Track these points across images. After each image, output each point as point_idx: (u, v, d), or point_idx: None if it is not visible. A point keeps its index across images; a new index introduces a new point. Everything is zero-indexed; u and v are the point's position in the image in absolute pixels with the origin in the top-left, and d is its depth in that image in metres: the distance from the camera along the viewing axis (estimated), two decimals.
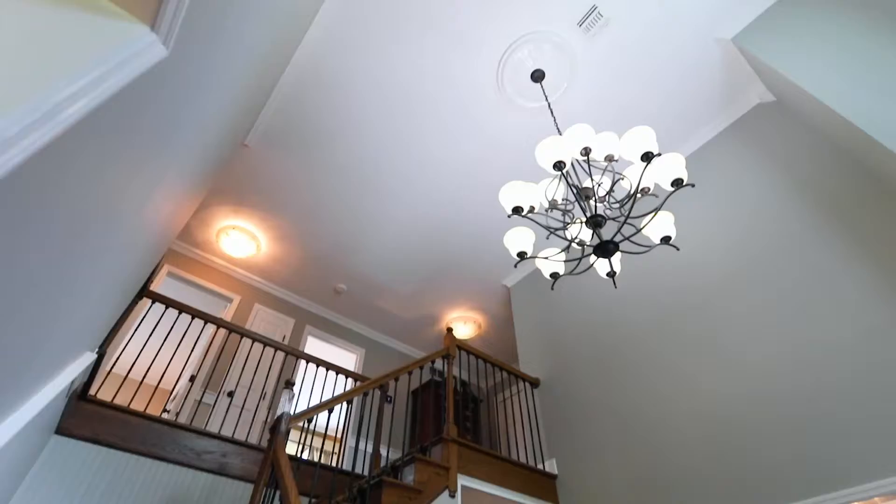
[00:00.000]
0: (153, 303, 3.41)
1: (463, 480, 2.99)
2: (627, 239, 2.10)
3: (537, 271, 5.20)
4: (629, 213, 2.00)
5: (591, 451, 3.53)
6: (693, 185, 1.92)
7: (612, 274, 2.27)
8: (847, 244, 2.81)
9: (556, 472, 3.68)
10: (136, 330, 3.42)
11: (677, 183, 1.97)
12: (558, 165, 1.97)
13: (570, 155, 2.02)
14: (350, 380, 5.33)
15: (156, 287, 4.76)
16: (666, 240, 2.16)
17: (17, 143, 0.79)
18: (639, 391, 3.46)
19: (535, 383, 4.29)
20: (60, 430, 2.71)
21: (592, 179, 2.12)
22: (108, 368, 3.62)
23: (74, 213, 1.08)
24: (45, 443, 2.59)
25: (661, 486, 3.00)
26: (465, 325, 6.04)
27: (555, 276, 2.37)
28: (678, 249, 2.17)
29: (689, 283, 3.57)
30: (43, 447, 2.60)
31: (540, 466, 3.77)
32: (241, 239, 5.00)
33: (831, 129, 3.05)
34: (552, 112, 2.84)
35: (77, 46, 0.90)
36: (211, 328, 5.35)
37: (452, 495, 2.83)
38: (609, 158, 2.16)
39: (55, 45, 0.87)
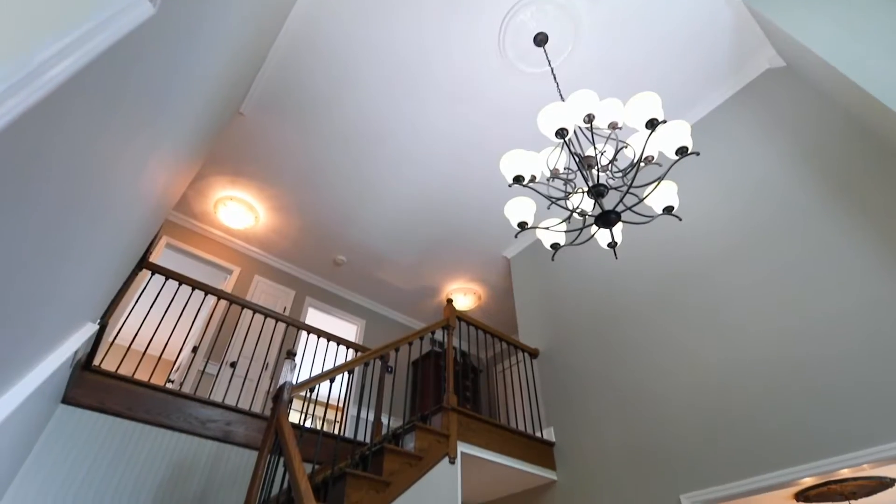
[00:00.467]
0: (153, 274, 3.40)
1: (462, 447, 3.05)
2: (629, 209, 2.07)
3: (538, 242, 5.19)
4: (632, 182, 1.97)
5: (589, 419, 3.60)
6: (698, 154, 1.88)
7: (613, 245, 2.25)
8: (852, 215, 2.79)
9: (553, 440, 3.76)
10: (136, 301, 3.42)
11: (682, 151, 1.93)
12: (561, 133, 1.92)
13: (573, 122, 1.97)
14: (351, 350, 5.39)
15: (155, 258, 4.76)
16: (668, 210, 2.13)
17: (1, 104, 0.76)
18: (637, 362, 3.50)
19: (534, 354, 4.34)
20: (66, 400, 2.75)
21: (595, 148, 2.08)
22: (110, 340, 3.65)
23: (67, 178, 1.05)
24: (52, 412, 2.63)
25: (658, 454, 3.07)
26: (464, 296, 6.07)
27: (555, 246, 2.36)
28: (680, 220, 2.15)
29: (691, 254, 3.56)
30: (50, 416, 2.64)
31: (538, 435, 3.85)
32: (238, 210, 4.96)
33: (842, 95, 2.97)
34: (555, 78, 2.77)
35: (59, 2, 0.86)
36: (212, 300, 5.37)
37: (452, 462, 2.90)
38: (613, 126, 2.11)
39: (36, 2, 0.82)
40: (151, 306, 3.36)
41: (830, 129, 3.09)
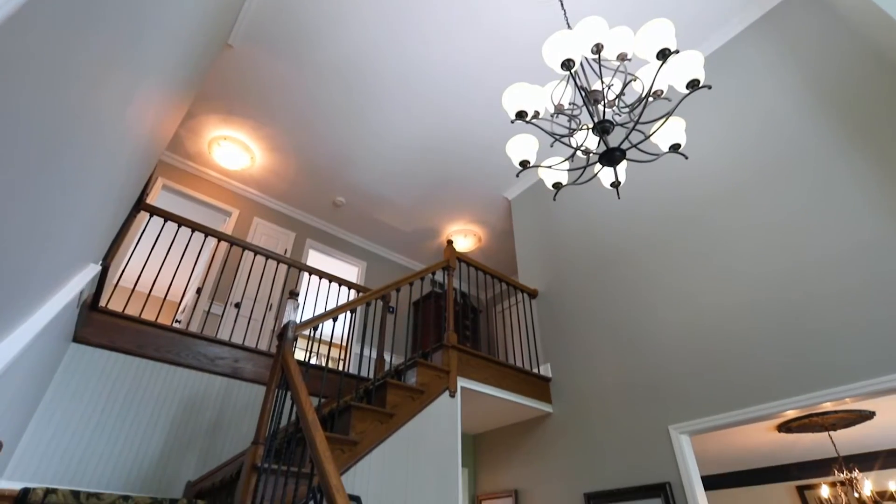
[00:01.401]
0: (151, 216, 3.38)
1: (462, 382, 3.17)
2: (635, 146, 2.01)
3: (539, 183, 5.12)
4: (639, 118, 1.89)
5: (585, 356, 3.72)
6: (710, 87, 1.79)
7: (616, 184, 2.21)
8: (865, 157, 2.71)
9: (550, 375, 3.91)
10: (137, 243, 3.42)
11: (693, 85, 1.84)
12: (566, 64, 1.82)
13: (581, 52, 1.86)
14: (353, 291, 5.47)
15: (152, 200, 4.71)
16: (675, 148, 2.07)
17: None
18: (633, 303, 3.57)
19: (533, 294, 4.41)
20: (77, 339, 2.83)
21: (602, 81, 1.98)
22: (114, 281, 3.69)
23: (47, 108, 1.01)
24: (64, 350, 2.71)
25: (649, 389, 3.20)
26: (465, 238, 6.08)
27: (557, 186, 2.31)
28: (686, 158, 2.09)
29: (692, 195, 3.52)
30: (63, 354, 2.72)
31: (535, 370, 4.00)
32: (233, 150, 4.85)
33: (871, 27, 2.80)
34: (562, 3, 2.59)
35: None
36: (212, 242, 5.39)
37: (452, 395, 3.03)
38: (622, 57, 2.00)
39: None
40: (152, 248, 3.37)
41: (854, 65, 2.93)
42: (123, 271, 3.54)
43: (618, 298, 3.69)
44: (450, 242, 3.74)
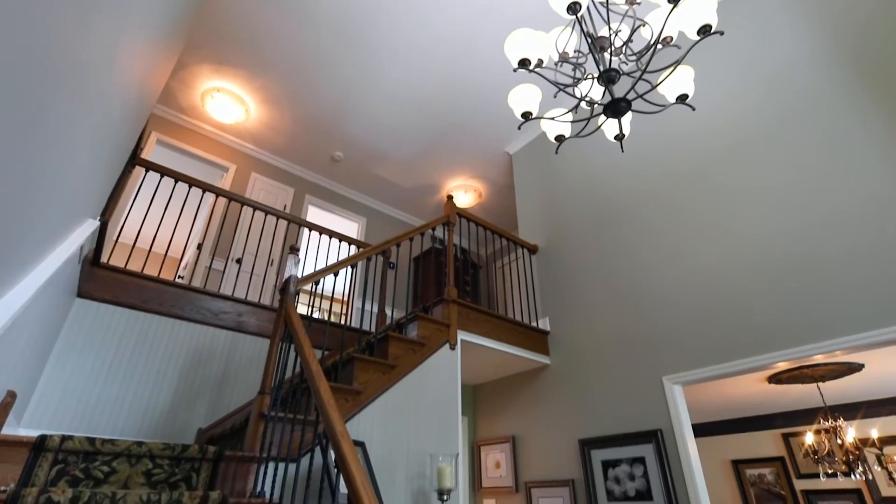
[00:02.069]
0: (147, 171, 3.33)
1: (462, 335, 3.24)
2: (641, 97, 1.95)
3: (540, 137, 5.01)
4: (646, 66, 1.82)
5: (583, 310, 3.77)
6: (721, 34, 1.71)
7: (620, 137, 2.16)
8: (880, 112, 2.63)
9: (548, 328, 3.98)
10: (134, 199, 3.40)
11: (705, 30, 1.76)
12: (573, 7, 1.73)
13: None
14: (353, 247, 5.49)
15: (146, 155, 4.63)
16: (682, 98, 2.01)
17: None
18: (632, 258, 3.58)
19: (533, 250, 4.42)
20: (82, 294, 2.86)
21: (610, 27, 1.89)
22: (114, 238, 3.69)
23: (29, 54, 0.96)
24: (69, 305, 2.75)
25: (644, 342, 3.27)
26: (465, 193, 6.03)
27: (560, 139, 2.26)
28: (694, 109, 2.03)
29: (697, 150, 3.45)
30: (68, 310, 2.76)
31: (534, 324, 4.07)
32: (227, 102, 4.71)
33: None
34: None
35: None
36: (211, 198, 5.34)
37: (452, 348, 3.10)
38: (631, 1, 1.90)
39: None
40: (150, 204, 3.34)
41: (877, 14, 2.79)
42: (122, 228, 3.53)
43: (617, 254, 3.70)
44: (450, 198, 3.70)
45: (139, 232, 3.19)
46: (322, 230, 4.04)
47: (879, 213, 2.47)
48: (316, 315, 6.64)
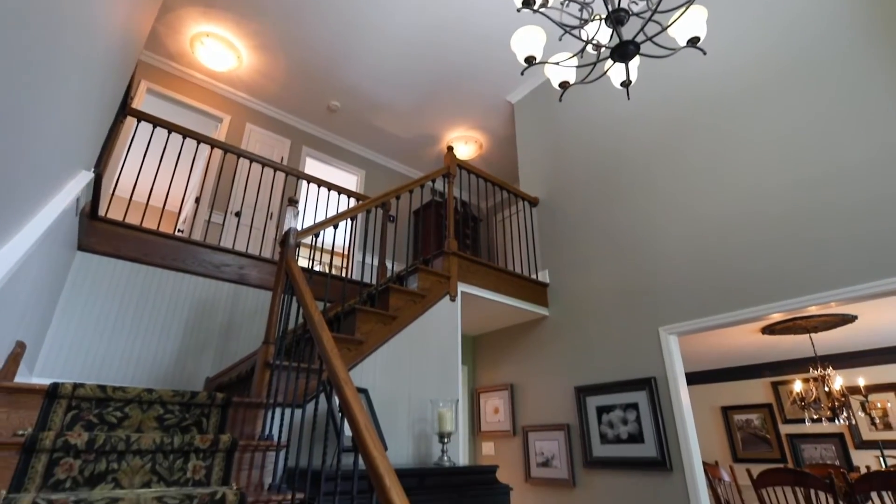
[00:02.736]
0: (139, 122, 3.25)
1: (462, 287, 3.27)
2: (650, 39, 1.86)
3: (543, 86, 4.85)
4: (657, 5, 1.72)
5: (582, 262, 3.79)
6: None
7: (626, 83, 2.09)
8: None
9: (547, 281, 4.02)
10: (128, 151, 3.33)
11: None
12: None
13: None
14: (352, 199, 5.45)
15: (137, 105, 4.50)
16: (694, 41, 1.91)
17: None
18: (632, 210, 3.56)
19: (533, 202, 4.39)
20: (82, 247, 2.86)
21: None
22: (110, 191, 3.65)
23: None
24: (71, 258, 2.75)
25: (642, 293, 3.30)
26: (465, 144, 5.91)
27: (564, 85, 2.18)
28: (705, 53, 1.94)
29: (705, 98, 3.35)
30: (70, 263, 2.77)
31: (533, 277, 4.11)
32: (218, 48, 4.52)
33: None
34: None
35: None
36: (206, 150, 5.24)
37: (453, 300, 3.13)
38: None
39: None
40: (144, 156, 3.28)
41: None
42: (118, 181, 3.48)
43: (618, 206, 3.67)
44: (450, 149, 3.63)
45: (135, 185, 3.15)
46: (321, 182, 3.99)
47: (888, 167, 2.42)
48: (317, 268, 6.68)
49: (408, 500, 1.09)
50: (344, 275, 3.32)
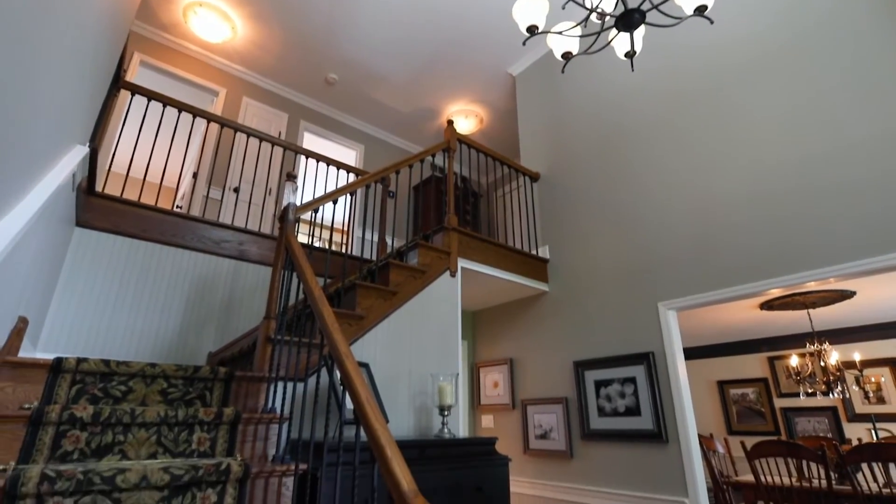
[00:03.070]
0: (133, 95, 3.19)
1: (462, 263, 3.27)
2: (656, 7, 1.80)
3: (545, 57, 4.75)
4: None
5: (582, 238, 3.78)
6: None
7: (631, 54, 2.04)
8: None
9: (547, 257, 4.02)
10: (123, 125, 3.28)
11: None
12: None
13: None
14: (351, 175, 5.40)
15: (131, 78, 4.41)
16: (701, 10, 1.86)
17: None
18: (633, 186, 3.53)
19: (534, 177, 4.35)
20: (81, 223, 2.85)
21: None
22: (107, 167, 3.61)
23: None
24: (69, 234, 2.74)
25: (642, 269, 3.30)
26: (466, 118, 5.82)
27: (567, 56, 2.13)
28: (712, 22, 1.89)
29: (709, 69, 3.28)
30: (69, 239, 2.76)
31: (533, 252, 4.10)
32: (211, 18, 4.40)
33: None
34: None
35: None
36: (202, 124, 5.17)
37: (453, 275, 3.14)
38: None
39: None
40: (140, 131, 3.23)
41: None
42: (114, 156, 3.44)
43: (619, 181, 3.64)
44: (450, 123, 3.57)
45: (131, 161, 3.11)
46: (319, 157, 3.95)
47: (892, 147, 2.39)
48: (317, 244, 6.68)
49: (409, 470, 1.11)
50: (344, 251, 3.32)
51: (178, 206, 4.69)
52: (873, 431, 4.81)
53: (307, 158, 4.01)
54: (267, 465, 1.65)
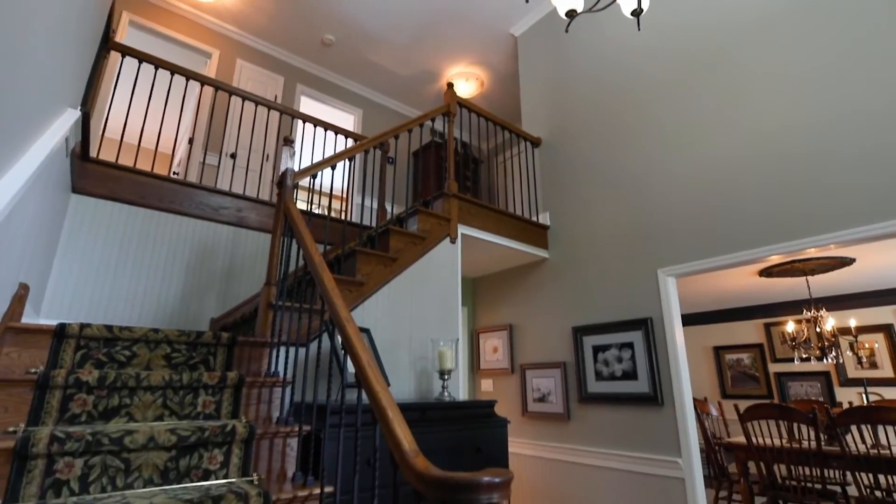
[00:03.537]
0: (124, 57, 3.09)
1: (463, 229, 3.26)
2: None
3: (548, 17, 4.58)
4: None
5: (583, 204, 3.75)
6: None
7: (637, 12, 1.96)
8: None
9: (548, 223, 4.00)
10: (114, 88, 3.19)
11: None
12: None
13: None
14: (350, 140, 5.31)
15: (121, 39, 4.27)
16: None
17: None
18: (635, 151, 3.48)
19: (536, 143, 4.28)
20: (77, 190, 2.82)
21: None
22: (100, 132, 3.54)
23: None
24: (66, 201, 2.72)
25: (642, 236, 3.29)
26: (466, 82, 5.67)
27: (571, 14, 2.05)
28: None
29: (718, 28, 3.16)
30: (66, 206, 2.74)
31: (534, 219, 4.08)
32: None
33: None
34: None
35: None
36: (196, 87, 5.04)
37: (453, 241, 3.13)
38: None
39: None
40: (132, 95, 3.15)
41: None
42: (107, 121, 3.37)
43: (621, 146, 3.58)
44: (450, 86, 3.48)
45: (125, 126, 3.05)
46: (317, 122, 3.87)
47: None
48: (316, 211, 6.65)
49: (410, 431, 1.13)
50: (343, 217, 3.30)
51: (174, 173, 4.64)
52: (864, 395, 4.92)
53: (304, 123, 3.93)
54: (271, 427, 1.69)
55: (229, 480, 1.52)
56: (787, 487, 3.60)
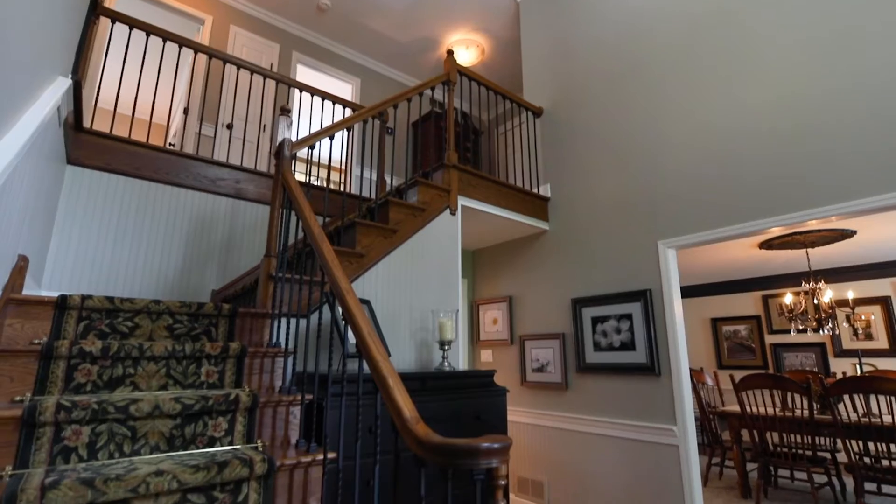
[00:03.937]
0: (114, 23, 3.00)
1: (463, 201, 3.23)
2: None
3: None
4: None
5: (584, 176, 3.72)
6: None
7: None
8: None
9: (549, 195, 3.97)
10: (105, 56, 3.11)
11: None
12: None
13: None
14: (348, 110, 5.22)
15: (111, 4, 4.14)
16: None
17: None
18: (637, 121, 3.42)
19: (537, 112, 4.20)
20: (72, 161, 2.78)
21: None
22: (93, 102, 3.46)
23: None
24: (61, 172, 2.69)
25: (643, 208, 3.27)
26: (466, 49, 5.52)
27: None
28: None
29: None
30: (62, 177, 2.71)
31: (535, 191, 4.05)
32: None
33: None
34: None
35: None
36: (190, 55, 4.92)
37: (453, 213, 3.11)
38: None
39: None
40: (124, 63, 3.06)
41: None
42: (99, 91, 3.29)
43: (624, 117, 3.52)
44: (450, 53, 3.39)
45: (118, 95, 2.98)
46: (314, 91, 3.79)
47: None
48: (314, 183, 6.59)
49: (410, 399, 1.15)
50: (342, 189, 3.27)
51: (170, 144, 4.57)
52: (858, 366, 5.00)
53: (301, 93, 3.85)
54: (274, 396, 1.72)
55: (234, 447, 1.56)
56: (779, 454, 3.70)
